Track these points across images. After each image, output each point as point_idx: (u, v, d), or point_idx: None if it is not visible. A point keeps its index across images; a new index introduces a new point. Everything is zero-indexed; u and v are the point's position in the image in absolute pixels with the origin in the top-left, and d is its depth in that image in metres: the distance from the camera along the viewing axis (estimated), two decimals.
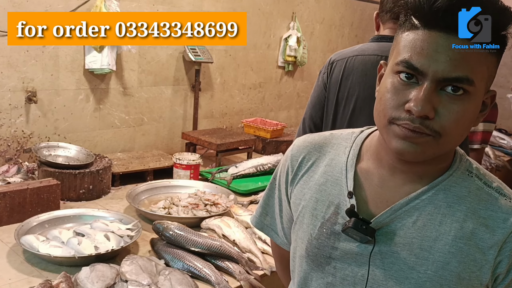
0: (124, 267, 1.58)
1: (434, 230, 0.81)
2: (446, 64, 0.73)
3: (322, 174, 0.93)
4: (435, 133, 0.76)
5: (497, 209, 0.82)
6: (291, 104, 4.37)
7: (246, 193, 2.55)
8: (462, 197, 0.83)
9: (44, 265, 1.67)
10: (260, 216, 1.09)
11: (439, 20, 0.74)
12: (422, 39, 0.75)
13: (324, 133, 1.00)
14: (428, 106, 0.74)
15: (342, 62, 1.77)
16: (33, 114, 2.64)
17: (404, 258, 0.82)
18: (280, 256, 1.13)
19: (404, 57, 0.77)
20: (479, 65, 0.75)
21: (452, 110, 0.75)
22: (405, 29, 0.79)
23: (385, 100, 0.79)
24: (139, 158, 2.84)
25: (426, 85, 0.75)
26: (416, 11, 0.77)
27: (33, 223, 1.87)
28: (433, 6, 0.74)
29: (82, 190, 2.31)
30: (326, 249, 0.88)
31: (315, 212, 0.91)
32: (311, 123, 1.85)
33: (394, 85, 0.78)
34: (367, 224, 0.83)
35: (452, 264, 0.80)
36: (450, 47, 0.73)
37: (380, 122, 0.81)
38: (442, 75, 0.74)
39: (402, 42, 0.79)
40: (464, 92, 0.75)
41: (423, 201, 0.83)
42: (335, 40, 4.70)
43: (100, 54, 2.72)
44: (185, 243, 1.75)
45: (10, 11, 2.39)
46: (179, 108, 3.38)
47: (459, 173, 0.85)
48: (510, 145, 4.55)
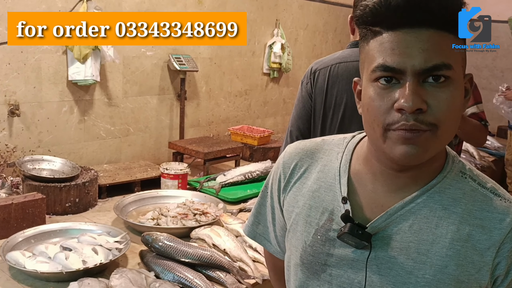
0: (113, 281, 1.55)
1: (431, 233, 0.81)
2: (420, 56, 0.74)
3: (315, 180, 0.92)
4: (432, 126, 0.75)
5: (492, 209, 0.81)
6: (277, 110, 4.37)
7: (235, 201, 2.53)
8: (457, 199, 0.82)
9: (31, 281, 1.63)
10: (252, 225, 1.07)
11: (400, 18, 0.75)
12: (390, 41, 0.76)
13: (316, 139, 0.99)
14: (418, 99, 0.74)
15: (325, 70, 1.77)
16: (16, 127, 2.60)
17: (402, 263, 0.81)
18: (273, 266, 1.11)
19: (378, 62, 0.77)
20: (451, 49, 0.76)
21: (441, 98, 0.75)
22: (369, 39, 0.80)
23: (373, 109, 0.78)
24: (126, 169, 2.81)
25: (408, 81, 0.75)
26: (374, 17, 0.77)
27: (19, 238, 1.83)
28: (390, 7, 0.75)
29: (68, 203, 2.28)
30: (321, 256, 0.87)
31: (309, 219, 0.90)
32: (298, 134, 1.82)
33: (377, 92, 0.78)
34: (363, 229, 0.81)
35: (450, 267, 0.79)
36: (418, 40, 0.74)
37: (375, 133, 0.79)
38: (420, 67, 0.74)
39: (371, 51, 0.79)
40: (446, 79, 0.76)
41: (418, 205, 0.82)
42: (319, 46, 4.73)
43: (84, 65, 2.70)
44: (175, 254, 1.73)
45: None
46: (165, 118, 3.35)
47: (452, 174, 0.84)
48: (494, 145, 4.61)
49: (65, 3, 2.66)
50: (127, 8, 2.97)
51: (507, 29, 5.16)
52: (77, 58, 2.66)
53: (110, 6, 2.88)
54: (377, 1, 0.76)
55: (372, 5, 0.76)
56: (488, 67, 5.63)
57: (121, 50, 2.97)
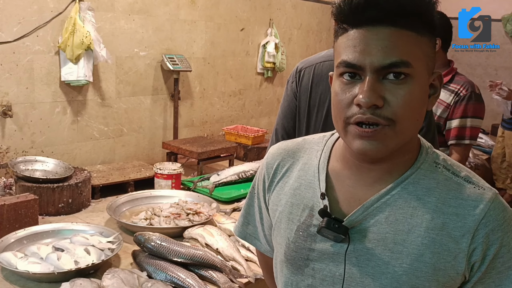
0: (106, 281, 1.55)
1: (406, 223, 0.83)
2: (379, 53, 0.77)
3: (296, 178, 0.94)
4: (389, 121, 0.78)
5: (466, 197, 0.83)
6: (271, 110, 4.38)
7: (229, 200, 2.54)
8: (431, 189, 0.84)
9: (23, 282, 1.63)
10: (242, 226, 1.10)
11: (361, 16, 0.78)
12: (353, 38, 0.80)
13: (297, 139, 1.02)
14: (374, 95, 0.77)
15: (310, 69, 1.77)
16: (9, 128, 2.59)
17: (379, 254, 0.83)
18: (266, 264, 1.13)
19: (342, 59, 0.81)
20: (412, 47, 0.78)
21: (398, 94, 0.78)
22: (339, 35, 0.84)
23: (337, 103, 0.82)
24: (120, 169, 2.81)
25: (367, 77, 0.78)
26: (340, 15, 0.81)
27: (11, 239, 1.83)
28: (351, 5, 0.79)
29: (61, 204, 2.27)
30: (304, 251, 0.89)
31: (291, 216, 0.93)
32: (284, 133, 1.83)
33: (341, 87, 0.82)
34: (339, 223, 0.84)
35: (426, 256, 0.81)
36: (378, 38, 0.77)
37: (338, 126, 0.83)
38: (379, 64, 0.77)
39: (338, 47, 0.83)
40: (405, 76, 0.78)
41: (393, 196, 0.84)
42: (313, 45, 4.74)
43: (76, 66, 2.69)
44: (167, 253, 1.73)
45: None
46: (159, 118, 3.35)
47: (426, 165, 0.86)
48: (488, 143, 4.64)
49: (57, 4, 2.66)
50: (120, 8, 2.96)
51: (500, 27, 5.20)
52: (70, 59, 2.65)
53: (103, 6, 2.88)
54: (342, 0, 0.80)
55: (339, 3, 0.81)
56: (481, 65, 5.65)
57: (114, 51, 2.97)
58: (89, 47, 2.66)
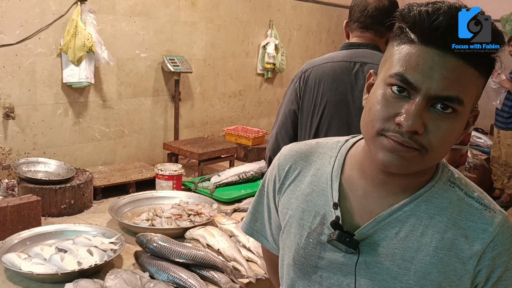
0: (108, 281, 1.57)
1: (416, 241, 0.83)
2: (439, 82, 0.74)
3: (308, 184, 0.94)
4: (422, 148, 0.77)
5: (476, 219, 0.83)
6: (271, 111, 4.40)
7: (230, 201, 2.55)
8: (444, 208, 0.84)
9: (27, 283, 1.65)
10: (250, 222, 1.10)
11: (438, 38, 0.74)
12: (418, 54, 0.76)
13: (310, 141, 1.01)
14: (419, 121, 0.75)
15: (314, 69, 1.81)
16: (11, 130, 2.61)
17: (387, 268, 0.84)
18: (270, 261, 1.15)
19: (398, 70, 0.77)
20: (470, 86, 0.76)
21: (440, 127, 0.76)
22: (400, 42, 0.79)
23: (374, 111, 0.79)
24: (121, 170, 2.83)
25: (418, 100, 0.75)
26: (414, 25, 0.77)
27: (14, 240, 1.84)
28: (433, 23, 0.74)
29: (64, 205, 2.29)
30: (313, 258, 0.90)
31: (302, 222, 0.93)
32: (284, 134, 1.85)
33: (385, 97, 0.78)
34: (350, 237, 0.84)
35: (433, 274, 0.82)
36: (445, 66, 0.74)
37: (368, 132, 0.81)
38: (435, 93, 0.75)
39: (397, 55, 0.79)
40: (453, 111, 0.76)
41: (406, 213, 0.84)
42: (313, 46, 4.75)
43: (78, 68, 2.71)
44: (169, 254, 1.75)
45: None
46: (160, 119, 3.37)
47: (440, 183, 0.86)
48: (486, 144, 4.65)
49: (59, 6, 2.68)
50: (121, 10, 2.98)
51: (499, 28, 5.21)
52: (72, 61, 2.67)
53: (104, 9, 2.90)
54: (424, 12, 0.75)
55: (419, 14, 0.76)
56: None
57: (115, 52, 2.99)
58: (91, 49, 2.68)
